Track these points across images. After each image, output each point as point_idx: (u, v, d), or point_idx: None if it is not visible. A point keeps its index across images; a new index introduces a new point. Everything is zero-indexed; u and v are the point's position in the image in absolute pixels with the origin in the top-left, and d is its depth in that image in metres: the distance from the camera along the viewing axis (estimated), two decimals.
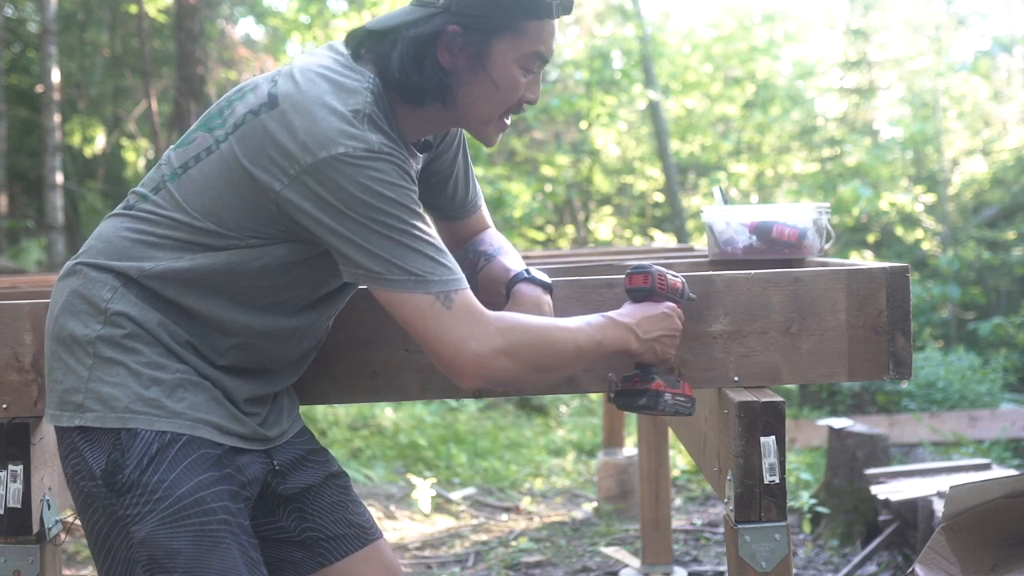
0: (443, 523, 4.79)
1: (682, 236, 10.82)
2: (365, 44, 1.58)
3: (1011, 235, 11.26)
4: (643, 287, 1.67)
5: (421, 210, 1.52)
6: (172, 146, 1.65)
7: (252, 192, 1.52)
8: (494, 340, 1.50)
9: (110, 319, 1.53)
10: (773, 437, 1.70)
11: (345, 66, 1.55)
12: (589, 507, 4.99)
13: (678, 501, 5.04)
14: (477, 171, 9.59)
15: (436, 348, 1.50)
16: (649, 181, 13.05)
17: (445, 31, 1.53)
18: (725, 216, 2.30)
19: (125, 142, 10.01)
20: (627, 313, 1.64)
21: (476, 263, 1.81)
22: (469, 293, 1.51)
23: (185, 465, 1.51)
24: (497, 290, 1.75)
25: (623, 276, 1.73)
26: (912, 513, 3.58)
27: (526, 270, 1.75)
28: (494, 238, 1.87)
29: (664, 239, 11.77)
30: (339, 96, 1.49)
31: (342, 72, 1.53)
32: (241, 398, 1.61)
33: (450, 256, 1.52)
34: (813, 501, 4.22)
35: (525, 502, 5.20)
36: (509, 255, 1.82)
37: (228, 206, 1.53)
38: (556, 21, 1.59)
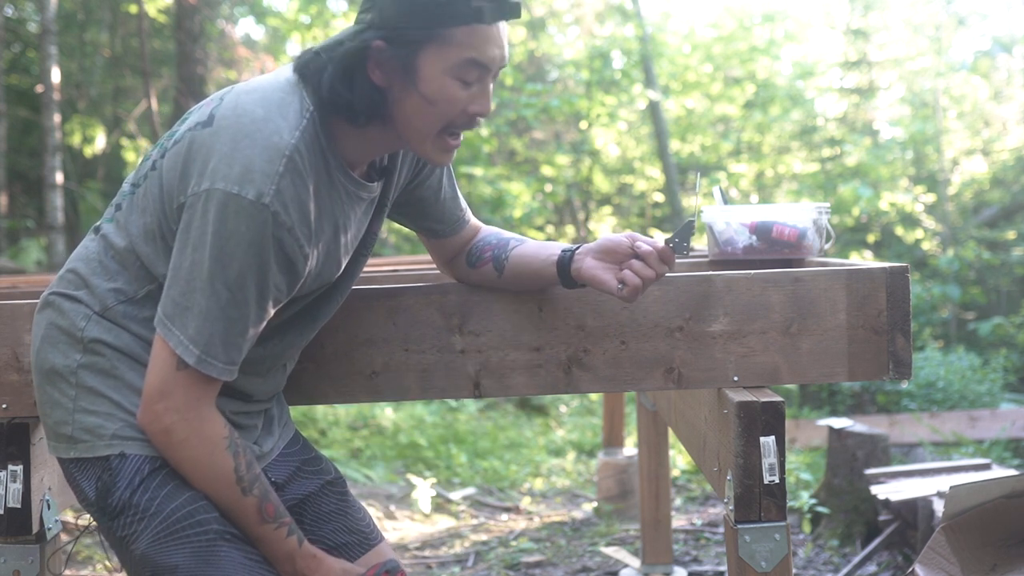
0: (443, 523, 4.79)
1: None
2: (309, 65, 1.51)
3: (1011, 235, 11.27)
4: None
5: (263, 286, 1.46)
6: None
7: (160, 208, 1.50)
8: (171, 420, 1.47)
9: (88, 347, 1.53)
10: (773, 437, 1.70)
11: (288, 92, 1.50)
12: (589, 507, 4.99)
13: (678, 501, 5.04)
14: (477, 171, 9.57)
15: (146, 386, 1.49)
16: (649, 181, 13.04)
17: (371, 47, 1.46)
18: (725, 216, 2.30)
19: (125, 142, 9.99)
20: (328, 569, 1.60)
21: (503, 255, 1.79)
22: (206, 378, 1.47)
23: (178, 480, 1.51)
24: (537, 266, 1.72)
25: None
26: (912, 513, 3.58)
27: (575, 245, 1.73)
28: (502, 232, 1.86)
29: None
30: (266, 130, 1.44)
31: (283, 100, 1.48)
32: (230, 412, 1.61)
33: (237, 348, 1.47)
34: (813, 501, 4.22)
35: (525, 502, 5.20)
36: (530, 241, 1.82)
37: (150, 234, 1.52)
38: (499, 26, 1.49)
